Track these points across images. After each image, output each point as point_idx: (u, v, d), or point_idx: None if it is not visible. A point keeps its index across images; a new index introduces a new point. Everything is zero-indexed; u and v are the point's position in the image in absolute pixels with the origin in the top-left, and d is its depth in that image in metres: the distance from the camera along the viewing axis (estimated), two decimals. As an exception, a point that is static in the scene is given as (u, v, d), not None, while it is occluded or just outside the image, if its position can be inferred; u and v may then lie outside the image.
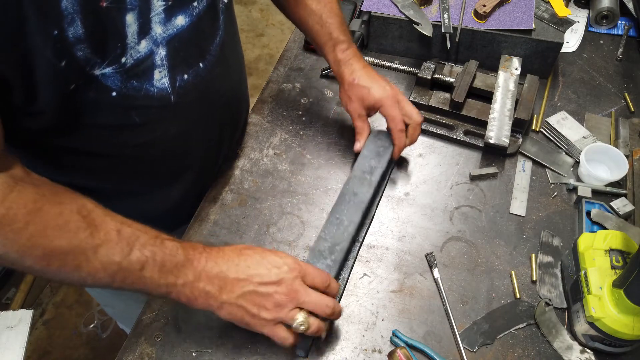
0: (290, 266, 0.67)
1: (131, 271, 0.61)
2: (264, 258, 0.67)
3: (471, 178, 0.94)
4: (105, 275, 0.60)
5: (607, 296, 0.70)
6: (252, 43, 2.90)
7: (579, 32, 1.20)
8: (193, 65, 0.74)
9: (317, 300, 0.67)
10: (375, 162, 0.89)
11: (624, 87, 1.09)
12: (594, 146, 0.94)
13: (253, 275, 0.66)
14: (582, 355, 0.75)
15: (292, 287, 0.66)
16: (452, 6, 1.08)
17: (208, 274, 0.65)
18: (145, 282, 0.62)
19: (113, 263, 0.60)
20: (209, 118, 0.85)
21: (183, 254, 0.64)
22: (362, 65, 0.90)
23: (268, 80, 1.12)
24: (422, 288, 0.81)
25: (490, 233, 0.87)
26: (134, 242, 0.61)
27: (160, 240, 0.64)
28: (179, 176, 0.88)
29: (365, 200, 0.84)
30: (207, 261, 0.65)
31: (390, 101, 0.87)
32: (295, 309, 0.66)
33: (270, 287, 0.65)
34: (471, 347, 0.75)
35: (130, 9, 0.61)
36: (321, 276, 0.69)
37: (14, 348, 0.81)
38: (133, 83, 0.67)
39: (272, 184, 0.94)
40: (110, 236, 0.60)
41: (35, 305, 1.91)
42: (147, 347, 0.75)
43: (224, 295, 0.65)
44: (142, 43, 0.65)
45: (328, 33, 0.90)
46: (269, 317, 0.66)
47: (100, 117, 0.69)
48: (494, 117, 0.96)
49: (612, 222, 0.86)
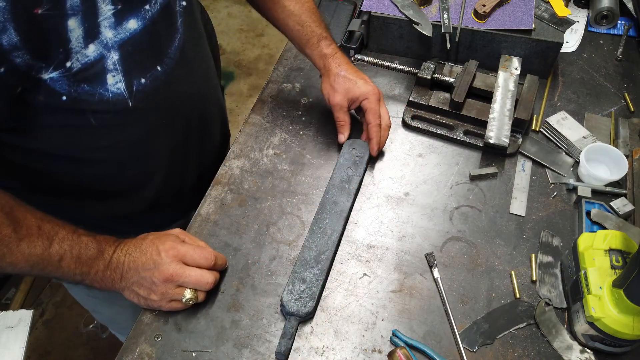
0: (167, 252, 0.74)
1: (50, 262, 0.68)
2: (149, 247, 0.74)
3: (471, 178, 0.94)
4: (26, 265, 0.67)
5: (607, 296, 0.70)
6: (252, 43, 2.90)
7: (579, 32, 1.20)
8: (150, 69, 0.74)
9: (196, 279, 0.74)
10: (352, 170, 0.93)
11: (624, 87, 1.09)
12: (593, 146, 0.94)
13: (138, 263, 0.73)
14: (582, 355, 0.75)
15: (168, 271, 0.72)
16: (452, 6, 1.08)
17: (112, 264, 0.73)
18: (62, 271, 0.70)
19: (34, 255, 0.67)
20: (172, 121, 0.85)
21: (96, 247, 0.72)
22: (347, 61, 0.94)
23: (268, 80, 1.12)
24: (422, 288, 0.81)
25: (490, 233, 0.87)
26: (54, 237, 0.69)
27: (77, 235, 0.71)
28: (148, 179, 0.89)
29: (346, 209, 0.88)
30: (114, 252, 0.73)
31: (374, 96, 0.91)
32: (179, 287, 0.74)
33: (149, 272, 0.73)
34: (471, 347, 0.75)
35: (71, 14, 0.61)
36: (205, 257, 0.75)
37: (14, 348, 0.81)
38: (84, 87, 0.67)
39: (272, 184, 0.94)
40: (31, 231, 0.67)
41: (35, 305, 1.91)
42: (147, 347, 0.75)
43: (123, 282, 0.74)
44: (90, 47, 0.65)
45: (310, 31, 0.94)
46: (156, 298, 0.74)
47: (55, 119, 0.69)
48: (493, 117, 0.96)
49: (612, 222, 0.86)
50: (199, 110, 0.92)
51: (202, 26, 0.91)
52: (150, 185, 0.89)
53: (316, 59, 0.95)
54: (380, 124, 0.92)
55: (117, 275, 0.73)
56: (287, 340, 0.74)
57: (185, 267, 0.74)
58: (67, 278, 0.71)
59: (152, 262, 0.73)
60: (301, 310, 0.76)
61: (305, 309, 0.76)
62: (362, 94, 0.91)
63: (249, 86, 2.69)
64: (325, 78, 0.94)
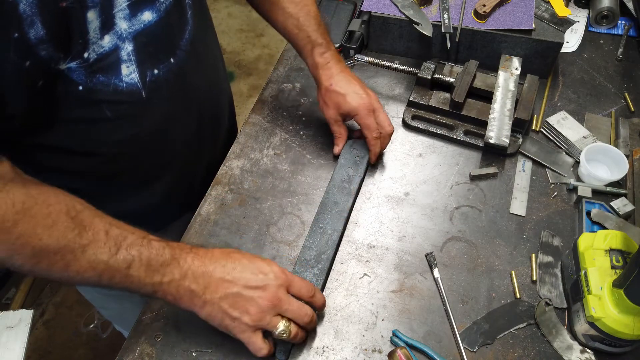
0: (277, 274, 0.68)
1: (118, 270, 0.62)
2: (251, 263, 0.68)
3: (471, 178, 0.94)
4: (94, 274, 0.62)
5: (607, 296, 0.70)
6: (252, 43, 2.90)
7: (579, 32, 1.20)
8: (163, 61, 0.75)
9: (298, 309, 0.69)
10: (353, 170, 0.92)
11: (624, 87, 1.09)
12: (594, 146, 0.94)
13: (239, 278, 0.66)
14: (582, 355, 0.75)
15: (276, 295, 0.67)
16: (452, 6, 1.08)
17: (194, 272, 0.65)
18: (132, 280, 0.63)
19: (100, 262, 0.61)
20: (186, 113, 0.85)
21: (170, 253, 0.65)
22: (340, 70, 0.91)
23: (268, 80, 1.12)
24: (422, 288, 0.81)
25: (491, 233, 0.87)
26: (121, 242, 0.63)
27: (147, 241, 0.65)
28: (162, 173, 0.88)
29: (346, 209, 0.88)
30: (193, 260, 0.66)
31: (365, 111, 0.88)
32: (276, 316, 0.67)
33: (255, 292, 0.66)
34: (471, 347, 0.75)
35: (91, 6, 0.62)
36: (307, 287, 0.71)
37: (14, 348, 0.81)
38: (99, 78, 0.67)
39: (272, 184, 0.94)
40: (98, 236, 0.62)
41: (35, 305, 1.91)
42: (147, 347, 0.75)
43: (208, 294, 0.65)
44: (106, 38, 0.65)
45: (306, 36, 0.91)
46: (249, 322, 0.66)
47: (72, 111, 0.69)
48: (494, 117, 0.96)
49: (612, 222, 0.86)
50: (210, 102, 0.92)
51: (211, 18, 0.91)
52: (163, 179, 0.89)
53: (310, 68, 0.93)
54: (379, 136, 0.90)
55: (199, 287, 0.65)
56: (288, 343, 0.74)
57: (289, 295, 0.69)
58: (138, 289, 0.65)
59: (260, 281, 0.66)
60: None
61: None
62: (352, 109, 0.88)
63: (249, 86, 2.69)
64: (318, 90, 0.93)
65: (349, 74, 0.91)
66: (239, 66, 2.79)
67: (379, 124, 0.90)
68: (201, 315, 0.67)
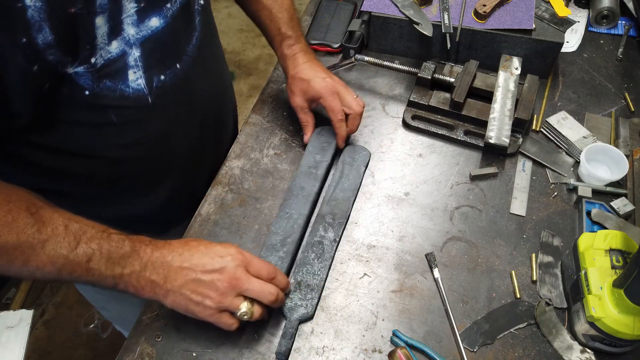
0: (234, 256, 0.69)
1: (79, 264, 0.63)
2: (208, 248, 0.69)
3: (471, 178, 0.94)
4: (53, 269, 0.62)
5: (607, 296, 0.70)
6: (252, 43, 2.90)
7: (579, 32, 1.20)
8: (170, 66, 0.75)
9: (260, 288, 0.69)
10: (320, 156, 0.94)
11: (624, 87, 1.09)
12: (594, 146, 0.94)
13: (196, 264, 0.67)
14: (582, 355, 0.75)
15: (234, 275, 0.67)
16: (452, 6, 1.08)
17: (154, 263, 0.66)
18: (93, 273, 0.64)
19: (60, 256, 0.62)
20: (190, 119, 0.85)
21: (129, 245, 0.66)
22: (307, 59, 0.93)
23: (268, 80, 1.12)
24: (422, 288, 0.81)
25: (491, 233, 0.87)
26: (81, 236, 0.63)
27: (107, 234, 0.65)
28: (165, 177, 0.89)
29: (313, 193, 0.89)
30: (152, 251, 0.67)
31: (328, 93, 0.90)
32: (238, 297, 0.68)
33: (213, 275, 0.67)
34: (471, 347, 0.75)
35: (99, 12, 0.62)
36: (267, 268, 0.71)
37: (14, 348, 0.81)
38: (106, 83, 0.67)
39: (273, 184, 0.94)
40: (57, 231, 0.62)
41: (35, 305, 1.91)
42: (147, 347, 0.75)
43: (168, 284, 0.66)
44: (113, 44, 0.66)
45: (277, 28, 0.94)
46: (212, 305, 0.67)
47: (77, 114, 0.69)
48: (494, 117, 0.96)
49: (612, 222, 0.86)
50: (215, 108, 0.93)
51: (215, 25, 0.92)
52: (166, 183, 0.89)
53: (280, 61, 0.96)
54: (343, 118, 0.92)
55: (160, 277, 0.66)
56: (288, 340, 0.74)
57: (249, 274, 0.69)
58: (99, 282, 0.65)
59: (217, 264, 0.67)
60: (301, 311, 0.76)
61: (306, 310, 0.76)
62: (316, 93, 0.90)
63: (249, 86, 2.69)
64: (286, 80, 0.95)
65: (314, 63, 0.94)
66: (239, 66, 2.79)
67: (346, 105, 0.91)
68: (167, 304, 0.68)
